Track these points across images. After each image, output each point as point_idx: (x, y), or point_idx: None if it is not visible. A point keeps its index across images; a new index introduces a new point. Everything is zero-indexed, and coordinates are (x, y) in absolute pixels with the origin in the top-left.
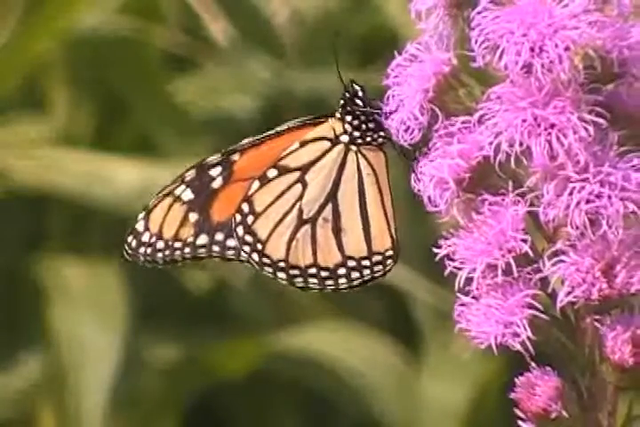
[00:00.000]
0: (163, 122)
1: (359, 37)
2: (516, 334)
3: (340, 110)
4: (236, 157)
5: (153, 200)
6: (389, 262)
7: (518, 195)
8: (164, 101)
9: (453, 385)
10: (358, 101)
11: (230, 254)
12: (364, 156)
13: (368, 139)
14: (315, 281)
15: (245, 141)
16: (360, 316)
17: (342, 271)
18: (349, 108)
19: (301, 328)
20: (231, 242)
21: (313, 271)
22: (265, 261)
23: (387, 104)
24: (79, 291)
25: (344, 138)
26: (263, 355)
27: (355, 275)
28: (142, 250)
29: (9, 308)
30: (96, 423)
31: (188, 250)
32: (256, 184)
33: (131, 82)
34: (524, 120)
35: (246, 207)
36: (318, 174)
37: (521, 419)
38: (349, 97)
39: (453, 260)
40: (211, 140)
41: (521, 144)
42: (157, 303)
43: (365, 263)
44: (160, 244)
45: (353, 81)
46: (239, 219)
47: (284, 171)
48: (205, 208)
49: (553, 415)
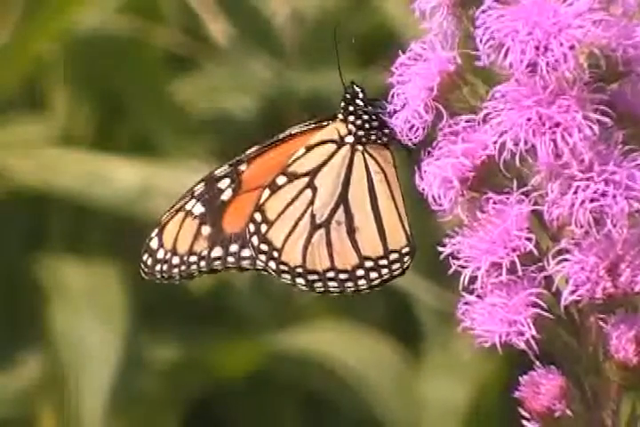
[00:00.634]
0: (162, 122)
1: (359, 37)
2: (521, 333)
3: (342, 112)
4: (244, 168)
5: (164, 217)
6: (407, 260)
7: (523, 193)
8: (164, 101)
9: (453, 385)
10: (359, 102)
11: (246, 264)
12: (371, 155)
13: (373, 137)
14: (334, 284)
15: (251, 151)
16: (360, 316)
17: (361, 272)
18: (351, 108)
19: (301, 328)
20: (246, 252)
21: (331, 275)
22: (282, 268)
23: (390, 103)
24: (79, 291)
25: (349, 139)
26: (263, 355)
27: (373, 275)
28: (158, 267)
29: (9, 308)
30: (96, 423)
31: (204, 263)
32: (266, 193)
33: (131, 82)
34: (529, 119)
35: (259, 216)
36: (327, 178)
37: (525, 418)
38: (350, 98)
39: (458, 258)
40: (210, 140)
41: (526, 143)
42: (157, 303)
43: (383, 262)
44: (175, 259)
45: (353, 82)
46: (253, 229)
47: (293, 177)
48: (217, 221)
49: (557, 414)
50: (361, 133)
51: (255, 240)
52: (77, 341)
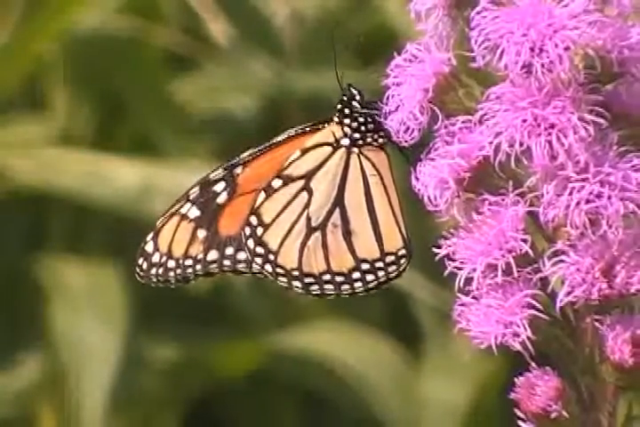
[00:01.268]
0: (163, 122)
1: (360, 37)
2: (516, 334)
3: (338, 114)
4: (239, 171)
5: (160, 221)
6: (403, 262)
7: (518, 195)
8: (164, 101)
9: (453, 385)
10: (355, 104)
11: (242, 267)
12: (367, 157)
13: (369, 140)
14: (330, 287)
15: (246, 154)
16: (360, 316)
17: (357, 275)
18: (347, 111)
19: (301, 328)
20: (242, 255)
21: (327, 278)
22: (279, 271)
23: (386, 104)
24: (79, 291)
25: (345, 141)
26: (263, 355)
27: (370, 277)
28: (154, 271)
29: (9, 308)
30: (96, 423)
31: (200, 267)
32: (262, 195)
33: (131, 82)
34: (524, 120)
35: (254, 220)
36: (323, 181)
37: (521, 419)
38: (347, 100)
39: (453, 260)
40: (211, 139)
41: (521, 144)
42: (157, 303)
43: (379, 265)
44: (171, 263)
45: (350, 85)
46: (248, 232)
47: (289, 180)
48: (213, 224)
49: (553, 415)
50: (357, 136)
51: (251, 243)
52: (77, 340)
